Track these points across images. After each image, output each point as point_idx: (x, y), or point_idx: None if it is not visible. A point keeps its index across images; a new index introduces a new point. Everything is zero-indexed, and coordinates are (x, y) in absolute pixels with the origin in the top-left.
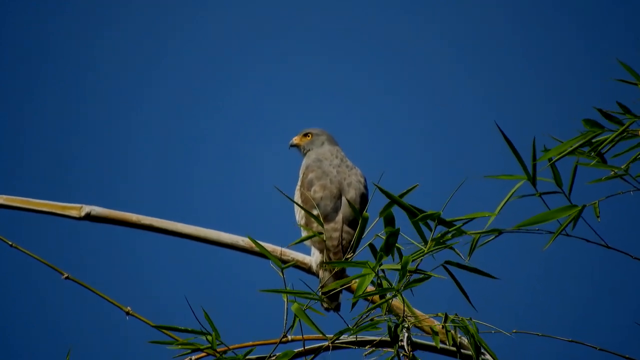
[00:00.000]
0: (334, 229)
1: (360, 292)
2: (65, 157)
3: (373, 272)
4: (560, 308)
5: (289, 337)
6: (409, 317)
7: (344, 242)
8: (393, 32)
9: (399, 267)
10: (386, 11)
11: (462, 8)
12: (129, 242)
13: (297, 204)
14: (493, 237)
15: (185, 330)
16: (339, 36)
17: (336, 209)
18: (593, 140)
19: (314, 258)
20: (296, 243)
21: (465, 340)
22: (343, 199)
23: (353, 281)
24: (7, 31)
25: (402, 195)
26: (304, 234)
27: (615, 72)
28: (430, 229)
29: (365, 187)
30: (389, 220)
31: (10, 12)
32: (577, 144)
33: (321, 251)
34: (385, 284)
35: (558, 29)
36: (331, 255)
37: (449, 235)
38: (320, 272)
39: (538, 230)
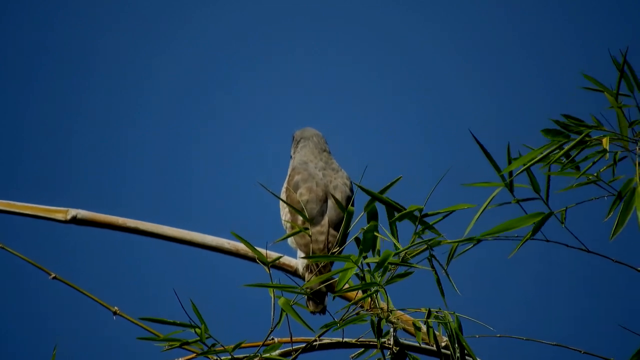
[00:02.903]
0: (320, 232)
1: (342, 286)
2: (52, 160)
3: (355, 266)
4: (544, 312)
5: (276, 340)
6: (392, 313)
7: (329, 245)
8: (380, 37)
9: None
10: (373, 14)
11: (441, 21)
12: (116, 244)
13: (284, 201)
14: (471, 245)
15: (173, 323)
16: (327, 37)
17: (322, 212)
18: (565, 147)
19: (299, 260)
20: (281, 240)
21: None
22: (329, 202)
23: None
24: None
25: (385, 189)
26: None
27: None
28: (415, 224)
29: (351, 189)
30: (373, 215)
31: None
32: (546, 152)
33: (306, 253)
34: (368, 279)
35: (535, 34)
36: None
37: (430, 239)
38: (306, 275)
39: (517, 236)
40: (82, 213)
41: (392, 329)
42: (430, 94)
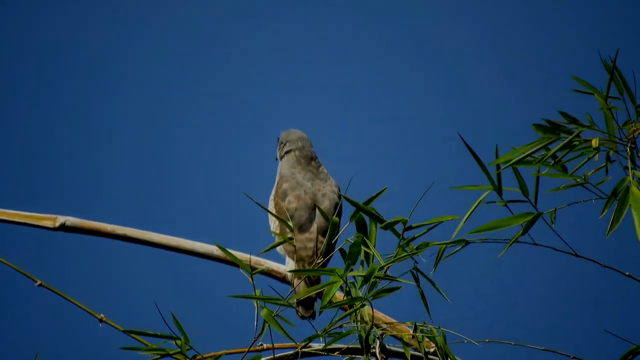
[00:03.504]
0: (309, 239)
1: (327, 300)
2: (40, 167)
3: (341, 280)
4: (532, 317)
5: (264, 346)
6: (380, 325)
7: (318, 252)
8: (372, 40)
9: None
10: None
11: (427, 21)
12: (104, 251)
13: (271, 213)
14: (460, 247)
15: (155, 335)
16: (315, 41)
17: (311, 220)
18: (549, 147)
19: (288, 267)
20: (266, 250)
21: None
22: (317, 209)
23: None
24: None
25: (370, 200)
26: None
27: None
28: (399, 236)
29: (340, 197)
30: (361, 225)
31: None
32: (530, 150)
33: (295, 260)
34: (354, 293)
35: (527, 37)
36: (306, 265)
37: (412, 246)
38: (295, 282)
39: (505, 239)
40: (71, 220)
41: (377, 337)
42: (423, 98)
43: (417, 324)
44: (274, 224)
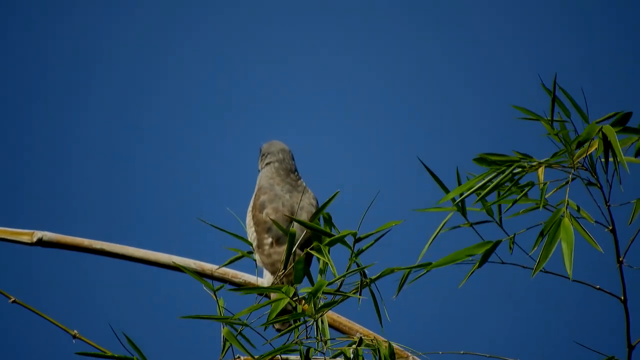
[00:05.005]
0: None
1: (273, 317)
2: (16, 182)
3: (287, 298)
4: (503, 331)
5: (241, 358)
6: (325, 343)
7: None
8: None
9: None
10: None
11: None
12: (81, 266)
13: (226, 231)
14: (424, 271)
15: (112, 357)
16: (292, 47)
17: None
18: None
19: (265, 279)
20: (225, 265)
21: None
22: (295, 222)
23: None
24: None
25: (323, 207)
26: (256, 255)
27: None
28: (350, 248)
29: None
30: (316, 236)
31: None
32: (488, 177)
33: (272, 273)
34: (299, 309)
35: (482, 62)
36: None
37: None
38: (272, 294)
39: (472, 260)
40: (48, 235)
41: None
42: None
43: (362, 338)
44: (252, 236)
